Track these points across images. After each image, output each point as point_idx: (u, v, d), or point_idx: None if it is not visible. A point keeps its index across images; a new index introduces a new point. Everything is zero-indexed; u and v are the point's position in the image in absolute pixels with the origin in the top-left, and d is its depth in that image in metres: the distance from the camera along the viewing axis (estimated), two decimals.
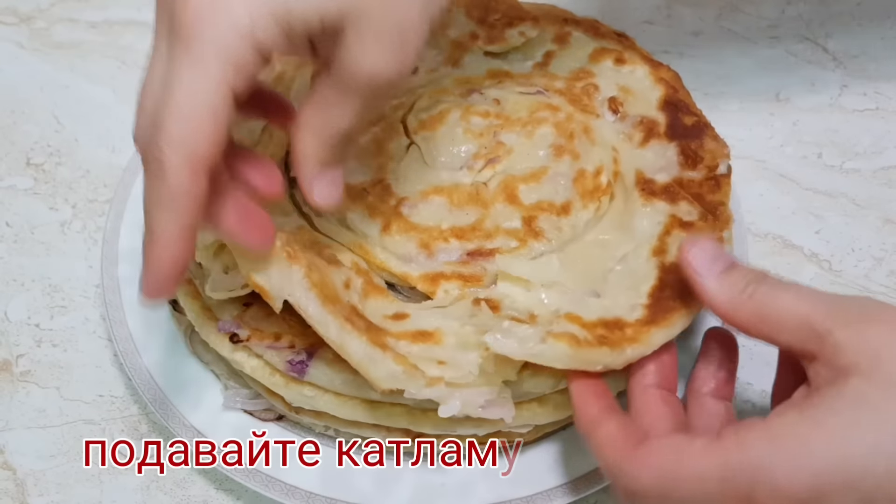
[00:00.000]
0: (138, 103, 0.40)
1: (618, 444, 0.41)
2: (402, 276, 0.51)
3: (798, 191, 0.67)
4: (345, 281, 0.48)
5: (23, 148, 0.70)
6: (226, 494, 0.53)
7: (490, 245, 0.52)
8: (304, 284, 0.44)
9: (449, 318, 0.48)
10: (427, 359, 0.46)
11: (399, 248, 0.52)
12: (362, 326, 0.45)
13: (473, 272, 0.51)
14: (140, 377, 0.54)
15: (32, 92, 0.74)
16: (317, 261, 0.47)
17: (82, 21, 0.79)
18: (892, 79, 0.73)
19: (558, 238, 0.52)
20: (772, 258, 0.63)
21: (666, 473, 0.38)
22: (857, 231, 0.64)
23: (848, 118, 0.71)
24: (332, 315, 0.44)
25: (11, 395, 0.57)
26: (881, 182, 0.67)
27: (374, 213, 0.54)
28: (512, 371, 0.46)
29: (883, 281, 0.62)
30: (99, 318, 0.61)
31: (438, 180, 0.55)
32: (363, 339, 0.44)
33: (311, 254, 0.47)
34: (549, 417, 0.49)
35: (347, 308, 0.46)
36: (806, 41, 0.76)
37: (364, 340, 0.44)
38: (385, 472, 0.51)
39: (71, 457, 0.55)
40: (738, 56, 0.75)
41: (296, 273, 0.44)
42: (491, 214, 0.53)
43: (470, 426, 0.48)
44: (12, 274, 0.63)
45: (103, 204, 0.66)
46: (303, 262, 0.45)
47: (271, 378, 0.49)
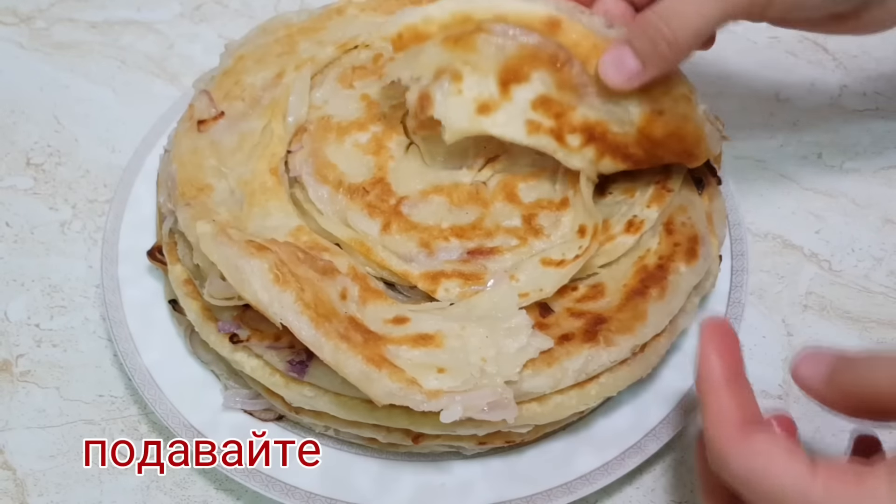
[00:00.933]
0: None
1: (726, 422, 0.40)
2: (403, 275, 0.51)
3: (798, 191, 0.67)
4: (341, 292, 0.49)
5: (23, 148, 0.70)
6: (226, 494, 0.53)
7: (491, 243, 0.52)
8: (295, 308, 0.45)
9: (450, 321, 0.48)
10: (427, 366, 0.46)
11: (399, 246, 0.52)
12: (359, 341, 0.46)
13: (474, 270, 0.51)
14: (140, 377, 0.54)
15: (32, 92, 0.74)
16: (311, 274, 0.48)
17: (82, 21, 0.79)
18: (892, 79, 0.73)
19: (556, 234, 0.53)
20: (772, 258, 0.63)
21: (757, 476, 0.38)
22: (856, 231, 0.64)
23: (848, 118, 0.71)
24: (326, 336, 0.45)
25: (11, 396, 0.57)
26: (881, 182, 0.67)
27: (374, 212, 0.54)
28: (513, 371, 0.46)
29: (882, 281, 0.62)
30: (99, 319, 0.61)
31: (438, 179, 0.55)
32: (359, 358, 0.45)
33: (304, 268, 0.48)
34: (549, 417, 0.49)
35: (345, 321, 0.47)
36: (806, 41, 0.76)
37: (360, 359, 0.45)
38: (385, 472, 0.51)
39: (71, 457, 0.55)
40: (738, 56, 0.75)
41: (287, 298, 0.45)
42: (491, 213, 0.53)
43: (471, 426, 0.48)
44: (12, 274, 0.63)
45: (103, 204, 0.66)
46: (293, 285, 0.45)
47: (271, 378, 0.49)
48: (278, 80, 0.59)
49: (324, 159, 0.56)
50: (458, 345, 0.47)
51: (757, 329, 0.59)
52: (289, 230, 0.53)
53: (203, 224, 0.49)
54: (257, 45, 0.62)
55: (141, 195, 0.61)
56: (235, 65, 0.61)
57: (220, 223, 0.50)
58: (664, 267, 0.51)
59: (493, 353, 0.47)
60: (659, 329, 0.51)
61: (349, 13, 0.64)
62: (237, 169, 0.55)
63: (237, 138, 0.57)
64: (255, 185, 0.55)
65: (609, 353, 0.49)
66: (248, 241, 0.48)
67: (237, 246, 0.47)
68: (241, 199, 0.54)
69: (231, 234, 0.48)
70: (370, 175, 0.55)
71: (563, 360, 0.48)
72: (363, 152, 0.57)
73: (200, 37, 0.78)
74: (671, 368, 0.54)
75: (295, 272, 0.47)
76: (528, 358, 0.47)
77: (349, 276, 0.50)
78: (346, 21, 0.63)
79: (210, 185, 0.55)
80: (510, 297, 0.50)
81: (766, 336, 0.59)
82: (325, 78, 0.60)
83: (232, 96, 0.59)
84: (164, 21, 0.79)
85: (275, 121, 0.57)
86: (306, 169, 0.55)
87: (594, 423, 0.52)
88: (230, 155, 0.56)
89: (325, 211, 0.54)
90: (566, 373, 0.48)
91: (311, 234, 0.53)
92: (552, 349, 0.48)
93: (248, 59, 0.61)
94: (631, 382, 0.51)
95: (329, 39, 0.62)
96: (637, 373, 0.51)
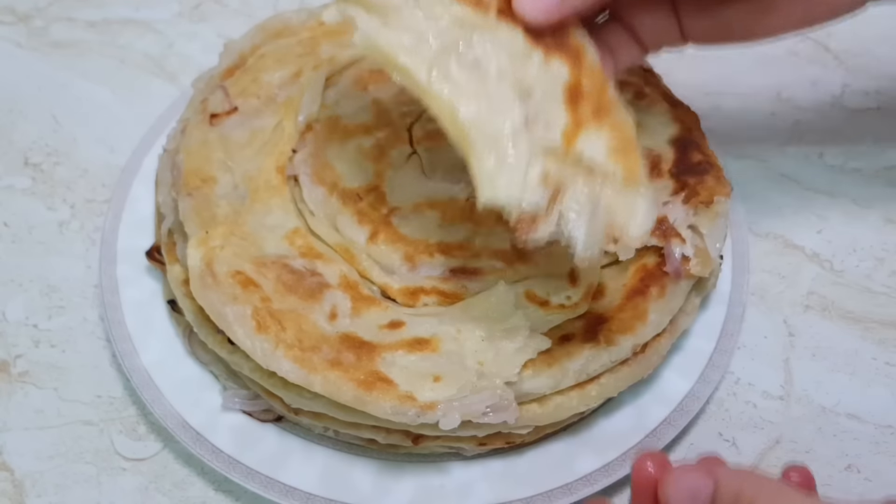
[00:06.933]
0: None
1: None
2: (383, 287, 0.52)
3: (799, 190, 0.66)
4: (330, 312, 0.49)
5: (21, 147, 0.70)
6: (225, 495, 0.53)
7: (475, 264, 0.52)
8: (278, 354, 0.46)
9: (445, 324, 0.48)
10: (423, 374, 0.46)
11: (383, 257, 0.52)
12: (351, 362, 0.46)
13: (454, 289, 0.51)
14: (138, 378, 0.53)
15: (30, 91, 0.73)
16: (295, 304, 0.48)
17: (80, 20, 0.79)
18: (894, 78, 0.73)
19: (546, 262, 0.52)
20: (773, 258, 0.63)
21: None
22: (858, 231, 0.64)
23: (850, 117, 0.70)
24: (314, 371, 0.46)
25: (9, 396, 0.57)
26: (883, 182, 0.67)
27: (363, 219, 0.53)
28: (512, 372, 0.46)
29: (884, 281, 0.61)
30: (97, 319, 0.60)
31: (434, 193, 0.55)
32: (350, 385, 0.45)
33: (291, 299, 0.49)
34: (550, 418, 0.49)
35: (335, 344, 0.47)
36: (807, 40, 0.76)
37: (351, 385, 0.45)
38: (384, 473, 0.51)
39: (69, 458, 0.55)
40: (739, 55, 0.74)
41: (268, 345, 0.46)
42: (481, 233, 0.53)
43: (470, 428, 0.47)
44: (10, 274, 0.63)
45: (101, 204, 0.66)
46: (271, 330, 0.47)
47: (270, 379, 0.49)
48: (295, 78, 0.59)
49: (324, 160, 0.56)
50: (454, 348, 0.47)
51: (758, 329, 0.59)
52: (286, 231, 0.53)
53: (194, 253, 0.50)
54: (279, 44, 0.62)
55: (139, 195, 0.61)
56: (255, 63, 0.60)
57: (209, 246, 0.50)
58: (664, 266, 0.51)
59: (490, 355, 0.47)
60: (660, 328, 0.51)
61: None
62: (244, 164, 0.56)
63: (248, 134, 0.57)
64: (260, 181, 0.55)
65: (610, 352, 0.48)
66: (236, 275, 0.49)
67: (221, 289, 0.48)
68: (244, 195, 0.54)
69: (216, 270, 0.49)
70: (367, 181, 0.55)
71: (564, 361, 0.48)
72: (364, 157, 0.57)
73: (199, 36, 0.78)
74: (672, 369, 0.54)
75: (278, 311, 0.48)
76: (526, 359, 0.47)
77: (340, 286, 0.50)
78: None
79: (214, 178, 0.54)
80: (507, 298, 0.50)
81: (768, 336, 0.59)
82: (342, 78, 0.60)
83: (248, 93, 0.59)
84: (162, 20, 0.79)
85: (287, 119, 0.57)
86: (304, 169, 0.55)
87: (595, 424, 0.52)
88: (239, 150, 0.56)
89: (316, 213, 0.54)
90: (566, 373, 0.48)
91: (307, 238, 0.53)
92: (552, 349, 0.48)
93: (269, 57, 0.61)
94: (632, 383, 0.51)
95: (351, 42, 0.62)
96: (638, 373, 0.51)
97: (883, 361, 0.58)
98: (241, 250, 0.50)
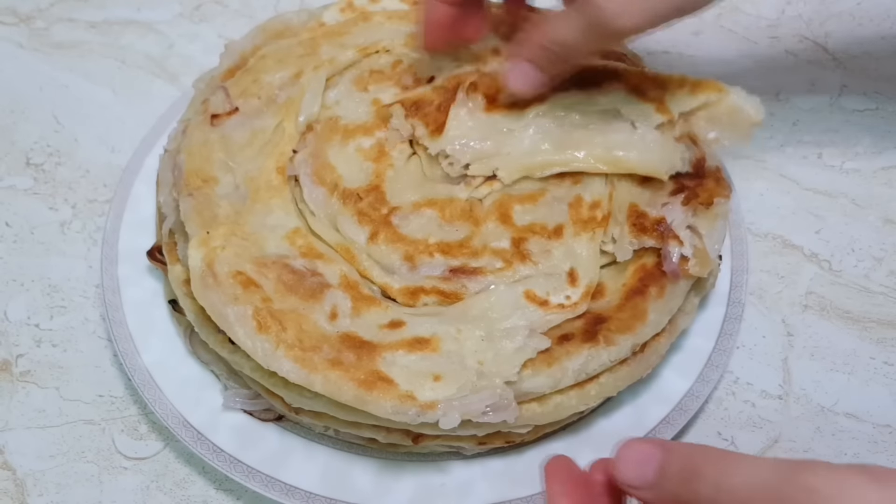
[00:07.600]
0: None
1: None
2: (383, 287, 0.52)
3: (798, 190, 0.67)
4: (330, 311, 0.49)
5: (22, 148, 0.70)
6: (225, 494, 0.53)
7: (475, 263, 0.52)
8: (278, 355, 0.46)
9: (445, 324, 0.48)
10: (423, 374, 0.46)
11: (383, 257, 0.52)
12: (352, 361, 0.46)
13: (454, 289, 0.51)
14: (140, 377, 0.54)
15: (32, 92, 0.74)
16: (296, 304, 0.48)
17: (82, 21, 0.79)
18: (892, 79, 0.73)
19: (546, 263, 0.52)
20: (771, 258, 0.63)
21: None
22: (857, 231, 0.64)
23: (848, 118, 0.71)
24: (314, 371, 0.46)
25: (11, 396, 0.57)
26: (881, 182, 0.67)
27: (363, 219, 0.54)
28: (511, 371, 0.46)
29: (883, 281, 0.62)
30: (99, 319, 0.61)
31: (434, 192, 0.55)
32: (351, 384, 0.45)
33: (291, 299, 0.49)
34: (549, 417, 0.49)
35: (336, 343, 0.47)
36: (806, 41, 0.76)
37: (352, 385, 0.45)
38: (385, 472, 0.51)
39: (70, 457, 0.55)
40: (738, 56, 0.75)
41: (269, 345, 0.46)
42: (481, 232, 0.53)
43: (470, 427, 0.47)
44: (12, 274, 0.63)
45: (103, 204, 0.66)
46: (272, 330, 0.47)
47: (271, 379, 0.49)
48: (296, 79, 0.60)
49: (324, 161, 0.56)
50: (454, 348, 0.47)
51: (757, 329, 0.59)
52: (286, 231, 0.53)
53: (195, 253, 0.50)
54: (280, 45, 0.62)
55: (141, 195, 0.61)
56: (256, 63, 0.61)
57: (210, 247, 0.50)
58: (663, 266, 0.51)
59: (490, 355, 0.47)
60: (659, 328, 0.51)
61: (375, 20, 0.64)
62: (245, 164, 0.56)
63: (248, 134, 0.57)
64: (261, 181, 0.55)
65: (609, 352, 0.49)
66: (237, 275, 0.49)
67: (222, 289, 0.48)
68: (245, 195, 0.54)
69: (217, 270, 0.49)
70: (367, 181, 0.55)
71: (563, 360, 0.48)
72: (364, 158, 0.57)
73: (200, 37, 0.78)
74: (671, 368, 0.54)
75: (279, 311, 0.48)
76: (525, 358, 0.47)
77: (341, 286, 0.50)
78: (371, 27, 0.63)
79: (215, 178, 0.55)
80: (506, 298, 0.50)
81: (766, 336, 0.59)
82: (342, 79, 0.60)
83: (248, 94, 0.59)
84: (163, 21, 0.79)
85: (287, 120, 0.58)
86: (305, 169, 0.56)
87: (594, 424, 0.52)
88: (239, 150, 0.56)
89: (317, 213, 0.54)
90: (566, 373, 0.48)
91: (307, 238, 0.53)
92: (552, 349, 0.48)
93: (270, 58, 0.61)
94: (631, 382, 0.51)
95: (352, 43, 0.62)
96: (637, 373, 0.51)
97: (881, 361, 0.58)
98: (241, 250, 0.51)
